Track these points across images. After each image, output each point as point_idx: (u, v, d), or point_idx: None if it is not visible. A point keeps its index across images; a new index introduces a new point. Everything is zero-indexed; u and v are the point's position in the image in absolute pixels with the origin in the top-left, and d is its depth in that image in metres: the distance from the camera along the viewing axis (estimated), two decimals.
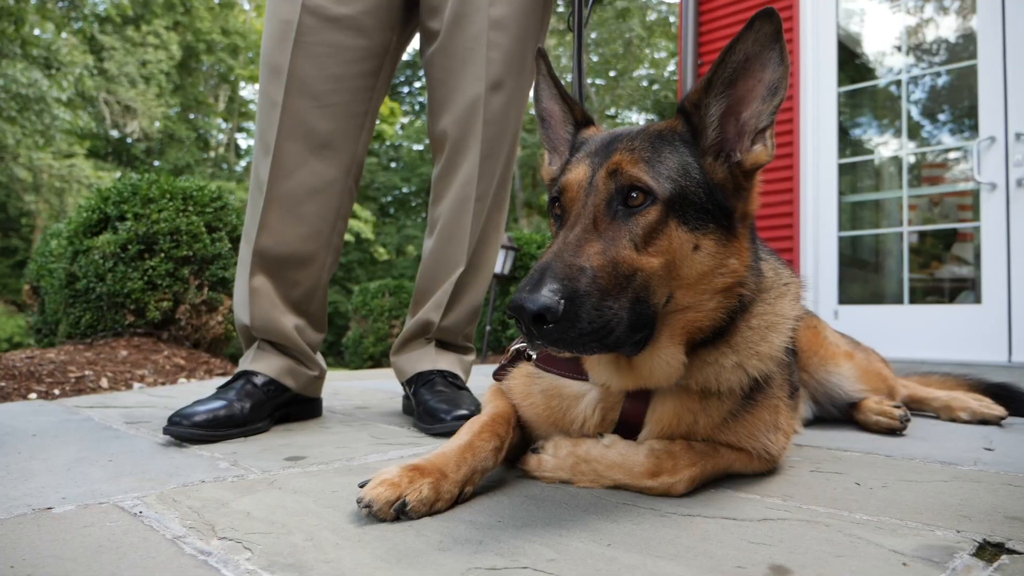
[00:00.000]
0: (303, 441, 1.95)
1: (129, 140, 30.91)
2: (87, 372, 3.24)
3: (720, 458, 1.46)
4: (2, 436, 1.97)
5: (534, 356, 1.59)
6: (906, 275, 5.96)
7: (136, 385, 3.27)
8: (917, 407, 2.51)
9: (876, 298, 6.29)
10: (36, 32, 23.36)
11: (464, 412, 2.03)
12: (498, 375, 1.68)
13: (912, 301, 5.93)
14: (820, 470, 1.66)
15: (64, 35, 24.25)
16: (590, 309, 1.12)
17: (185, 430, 1.88)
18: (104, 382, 3.16)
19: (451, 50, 2.26)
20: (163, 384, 3.44)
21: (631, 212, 1.24)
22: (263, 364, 2.17)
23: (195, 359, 4.11)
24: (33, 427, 2.12)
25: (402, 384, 2.42)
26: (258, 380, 2.12)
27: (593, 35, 31.03)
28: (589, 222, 1.23)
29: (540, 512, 1.29)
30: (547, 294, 1.08)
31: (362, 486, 1.26)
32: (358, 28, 2.18)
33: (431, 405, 2.13)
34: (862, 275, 6.52)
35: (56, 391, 2.88)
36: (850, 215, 6.49)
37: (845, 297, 6.12)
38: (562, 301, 1.09)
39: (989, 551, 1.13)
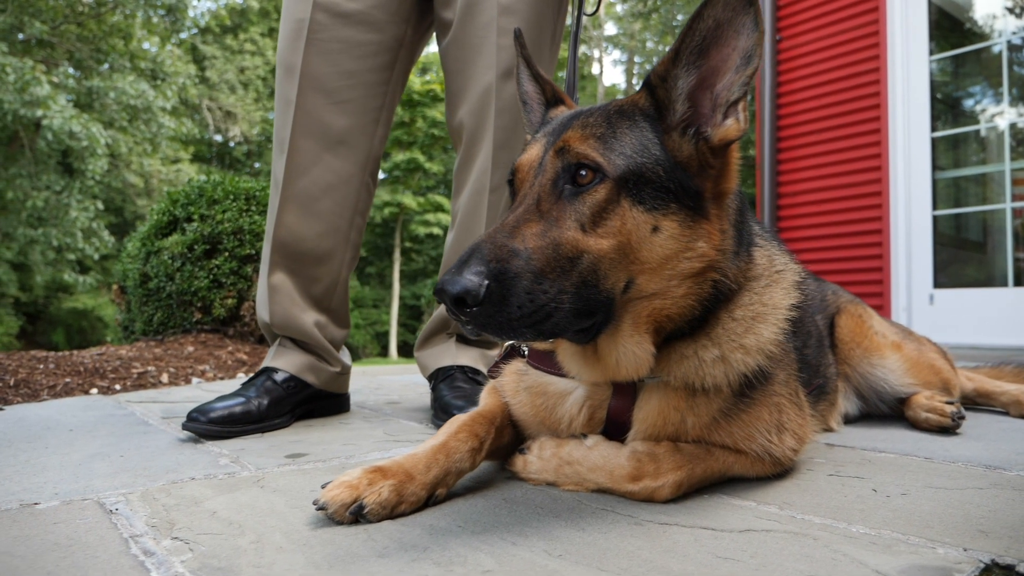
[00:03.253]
0: (313, 438, 1.96)
1: (231, 144, 32.60)
2: (150, 368, 3.40)
3: (713, 461, 1.35)
4: (41, 431, 2.08)
5: (525, 352, 1.53)
6: (1010, 255, 5.48)
7: (195, 380, 3.41)
8: (984, 402, 2.27)
9: (977, 281, 5.82)
10: (145, 46, 24.90)
11: None
12: (492, 371, 1.63)
13: (1019, 283, 5.44)
14: (840, 474, 1.52)
15: (168, 47, 25.72)
16: (521, 292, 1.06)
17: (201, 426, 1.92)
18: (165, 377, 3.31)
19: (463, 40, 2.21)
20: (222, 379, 3.57)
21: (578, 191, 1.16)
22: (283, 361, 2.19)
23: (257, 354, 4.25)
24: (75, 422, 2.23)
25: (427, 379, 2.41)
26: (278, 377, 2.15)
27: (679, 16, 30.20)
28: (532, 202, 1.17)
29: (508, 517, 1.23)
30: (469, 276, 1.04)
31: (325, 487, 1.23)
32: (369, 22, 2.16)
33: (446, 400, 2.10)
34: (961, 256, 6.04)
35: (117, 386, 3.03)
36: (950, 192, 6.01)
37: (942, 280, 5.68)
38: (485, 283, 1.04)
39: (995, 573, 0.99)
